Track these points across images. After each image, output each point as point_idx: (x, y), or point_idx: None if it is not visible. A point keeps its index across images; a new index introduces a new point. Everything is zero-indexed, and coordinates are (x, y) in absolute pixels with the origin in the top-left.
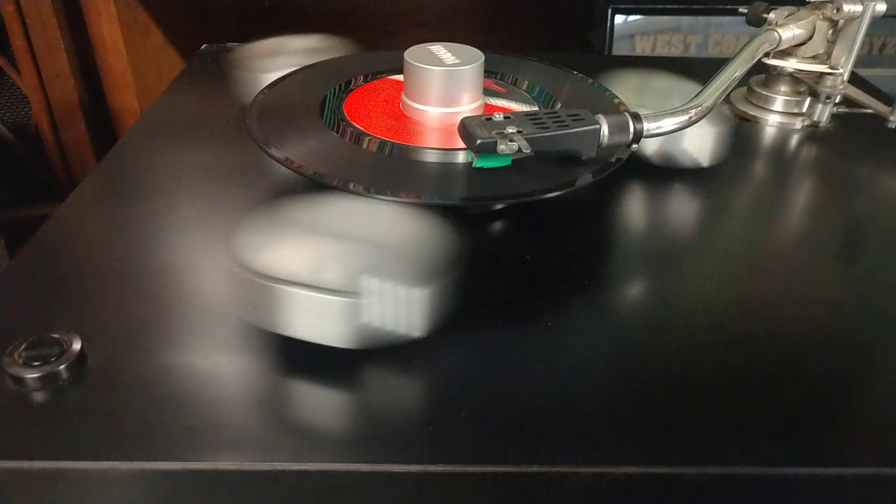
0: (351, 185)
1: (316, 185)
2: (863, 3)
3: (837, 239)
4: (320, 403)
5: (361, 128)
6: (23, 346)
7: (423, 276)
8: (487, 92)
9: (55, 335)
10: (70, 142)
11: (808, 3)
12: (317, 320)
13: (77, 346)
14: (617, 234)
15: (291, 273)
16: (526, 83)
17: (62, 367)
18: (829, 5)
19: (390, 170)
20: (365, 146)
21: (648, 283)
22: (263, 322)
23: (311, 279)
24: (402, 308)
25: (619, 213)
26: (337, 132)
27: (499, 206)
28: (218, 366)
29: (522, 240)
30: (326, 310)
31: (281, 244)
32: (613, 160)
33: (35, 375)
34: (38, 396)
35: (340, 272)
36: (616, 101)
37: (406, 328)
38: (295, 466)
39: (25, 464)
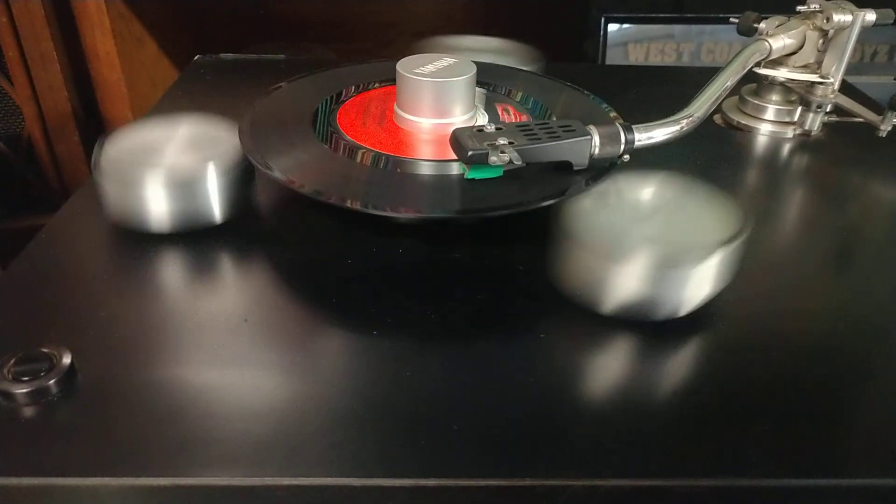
0: (349, 202)
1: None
2: (852, 13)
3: (829, 248)
4: (310, 418)
5: (355, 140)
6: (12, 361)
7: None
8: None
9: (45, 349)
10: (63, 153)
11: (799, 13)
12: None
13: (67, 360)
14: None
15: None
16: (519, 94)
17: (52, 381)
18: (820, 15)
19: (384, 183)
20: (359, 160)
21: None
22: None
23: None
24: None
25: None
26: (331, 146)
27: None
28: (208, 381)
29: (515, 250)
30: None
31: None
32: (607, 166)
33: (24, 390)
34: (28, 412)
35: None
36: (608, 111)
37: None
38: (286, 481)
39: (14, 480)
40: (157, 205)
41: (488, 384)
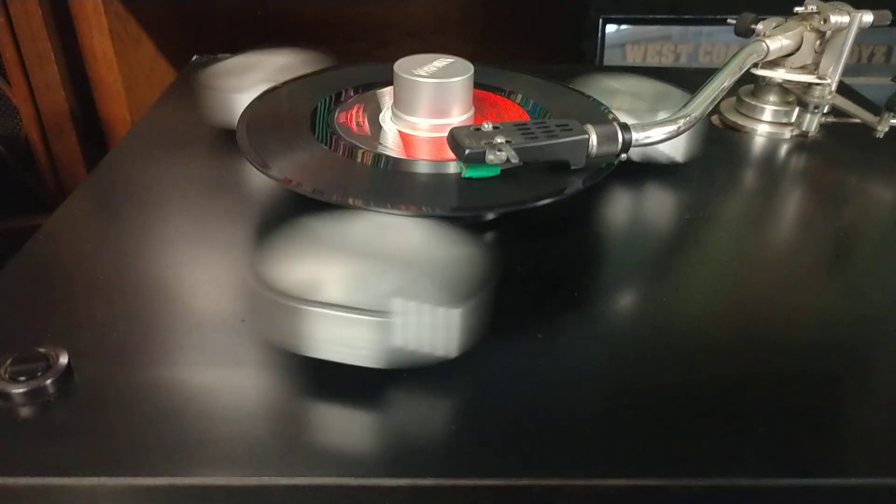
0: (350, 201)
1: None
2: (850, 14)
3: (826, 248)
4: (309, 418)
5: (353, 141)
6: (9, 361)
7: (454, 295)
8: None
9: (42, 350)
10: (60, 153)
11: (796, 14)
12: (348, 341)
13: (64, 360)
14: (607, 244)
15: (318, 293)
16: (518, 95)
17: (48, 381)
18: (817, 16)
19: (385, 183)
20: (359, 160)
21: (638, 294)
22: (288, 343)
23: (339, 299)
24: (434, 328)
25: (610, 223)
26: (329, 147)
27: (490, 217)
28: (205, 381)
29: (513, 250)
30: (359, 331)
31: (306, 263)
32: (604, 167)
33: (21, 390)
34: (24, 412)
35: (368, 292)
36: (606, 111)
37: (438, 349)
38: (283, 481)
39: (10, 480)
40: None
41: (486, 384)
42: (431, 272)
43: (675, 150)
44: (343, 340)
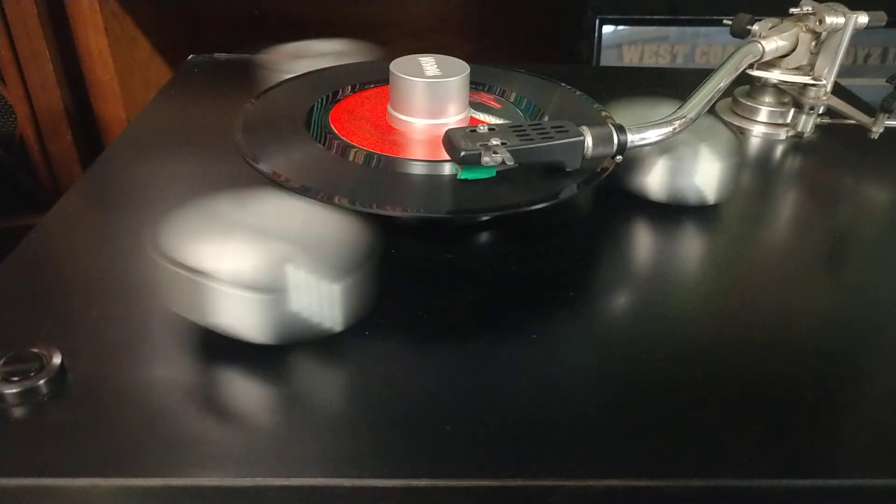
0: (336, 199)
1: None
2: (845, 16)
3: (821, 249)
4: (302, 418)
5: (347, 140)
6: (1, 361)
7: (338, 272)
8: (482, 107)
9: (35, 349)
10: (56, 152)
11: (792, 15)
12: (236, 315)
13: (57, 360)
14: (602, 245)
15: (214, 267)
16: (513, 95)
17: (42, 381)
18: (812, 17)
19: (376, 182)
20: (351, 159)
21: (633, 295)
22: (183, 311)
23: (231, 274)
24: (319, 303)
25: (605, 224)
26: (323, 144)
27: (485, 218)
28: (199, 381)
29: (508, 251)
30: (245, 305)
31: (203, 239)
32: (599, 170)
33: (14, 391)
34: (17, 412)
35: (259, 268)
36: (602, 112)
37: (324, 322)
38: (277, 482)
39: (3, 481)
40: None
41: (480, 385)
42: (315, 249)
43: (708, 189)
44: (232, 315)
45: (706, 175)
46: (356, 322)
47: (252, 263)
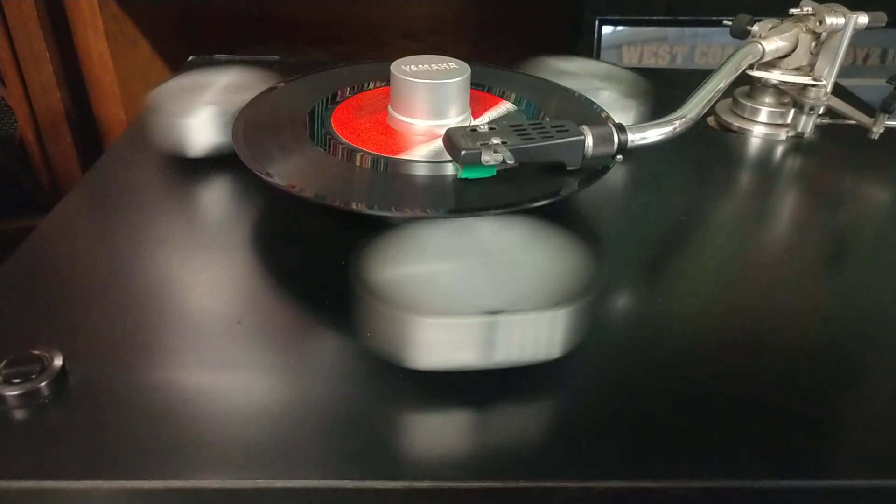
0: (354, 205)
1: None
2: (845, 16)
3: (822, 249)
4: (303, 420)
5: (351, 143)
6: (2, 364)
7: (559, 297)
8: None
9: (36, 352)
10: (56, 154)
11: (792, 15)
12: (454, 346)
13: (58, 362)
14: (602, 246)
15: (423, 302)
16: (513, 96)
17: (43, 384)
18: (812, 18)
19: (379, 184)
20: (353, 162)
21: (634, 295)
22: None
23: (444, 307)
24: (539, 330)
25: (605, 224)
26: (325, 149)
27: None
28: (201, 383)
29: None
30: (466, 335)
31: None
32: (599, 169)
33: (15, 393)
34: (18, 414)
35: (472, 297)
36: (602, 113)
37: (544, 351)
38: (278, 484)
39: (3, 483)
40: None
41: (481, 386)
42: (534, 273)
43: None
44: (452, 345)
45: None
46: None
47: (469, 291)
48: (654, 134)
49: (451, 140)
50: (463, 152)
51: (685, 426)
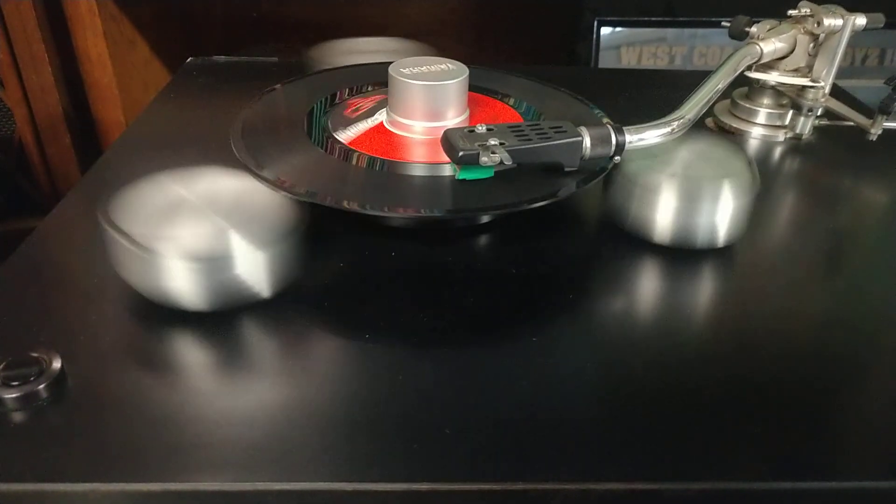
0: (345, 203)
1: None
2: (843, 17)
3: (820, 250)
4: (302, 423)
5: (348, 144)
6: (1, 366)
7: (265, 242)
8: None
9: (34, 354)
10: (54, 155)
11: (790, 17)
12: (176, 282)
13: (57, 365)
14: (601, 246)
15: (155, 238)
16: (511, 98)
17: (41, 386)
18: (811, 19)
19: (377, 185)
20: (354, 162)
21: (633, 296)
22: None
23: (170, 245)
24: (248, 270)
25: (604, 225)
26: (324, 149)
27: (485, 219)
28: (199, 385)
29: (507, 254)
30: (183, 273)
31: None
32: (597, 170)
33: (13, 395)
34: (17, 417)
35: (196, 238)
36: (599, 114)
37: (253, 288)
38: (277, 486)
39: (2, 486)
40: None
41: (481, 388)
42: (246, 221)
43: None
44: (173, 282)
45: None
46: (283, 289)
47: (189, 234)
48: (652, 135)
49: (449, 141)
50: (461, 153)
51: (684, 428)
